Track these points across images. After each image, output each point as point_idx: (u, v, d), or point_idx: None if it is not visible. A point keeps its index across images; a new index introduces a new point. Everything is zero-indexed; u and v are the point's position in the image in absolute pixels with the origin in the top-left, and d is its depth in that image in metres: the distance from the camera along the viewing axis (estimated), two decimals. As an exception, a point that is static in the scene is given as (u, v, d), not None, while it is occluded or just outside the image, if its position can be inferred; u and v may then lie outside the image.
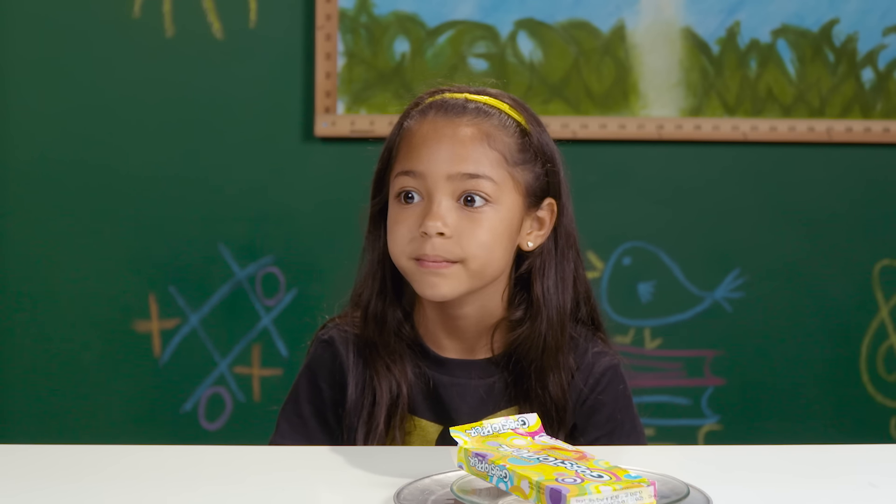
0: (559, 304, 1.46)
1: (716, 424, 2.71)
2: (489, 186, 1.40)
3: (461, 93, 1.48)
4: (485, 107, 1.45)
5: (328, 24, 2.60)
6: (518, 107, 1.48)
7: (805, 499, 1.18)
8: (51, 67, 2.61)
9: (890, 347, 2.74)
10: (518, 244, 1.46)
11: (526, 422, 1.19)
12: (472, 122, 1.42)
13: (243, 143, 2.64)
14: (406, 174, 1.42)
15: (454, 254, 1.40)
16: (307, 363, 1.52)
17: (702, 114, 2.67)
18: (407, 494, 1.13)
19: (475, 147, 1.41)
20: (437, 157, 1.40)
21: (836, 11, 2.67)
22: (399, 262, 1.43)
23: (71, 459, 1.30)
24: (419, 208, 1.41)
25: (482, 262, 1.41)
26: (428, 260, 1.39)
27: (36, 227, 2.62)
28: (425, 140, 1.42)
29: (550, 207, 1.47)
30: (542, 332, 1.45)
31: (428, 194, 1.40)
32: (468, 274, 1.41)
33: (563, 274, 1.48)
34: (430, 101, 1.47)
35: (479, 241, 1.40)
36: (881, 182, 2.72)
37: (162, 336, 2.65)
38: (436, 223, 1.38)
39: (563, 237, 1.49)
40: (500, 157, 1.42)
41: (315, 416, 1.48)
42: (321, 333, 1.52)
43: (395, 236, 1.42)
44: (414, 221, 1.40)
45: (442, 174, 1.40)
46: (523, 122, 1.46)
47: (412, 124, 1.45)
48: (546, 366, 1.44)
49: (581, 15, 2.64)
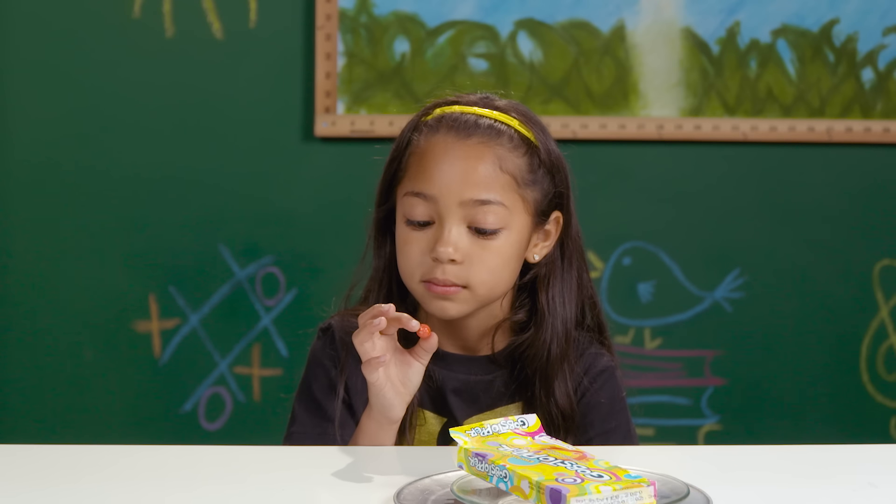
0: (564, 315, 1.47)
1: (716, 424, 2.71)
2: (500, 212, 1.41)
3: (470, 105, 1.46)
4: (496, 124, 1.44)
5: (328, 24, 2.60)
6: (526, 120, 1.47)
7: (805, 499, 1.18)
8: (51, 68, 2.61)
9: (890, 347, 2.74)
10: (524, 257, 1.47)
11: (525, 422, 1.20)
12: (483, 142, 1.42)
13: (243, 143, 2.64)
14: (416, 195, 1.42)
15: (464, 279, 1.41)
16: (311, 351, 1.54)
17: (702, 114, 2.67)
18: (407, 494, 1.13)
19: (487, 172, 1.41)
20: (449, 180, 1.40)
21: (836, 11, 2.67)
22: (409, 283, 1.45)
23: (71, 459, 1.30)
24: (430, 232, 1.41)
25: (490, 287, 1.43)
26: (437, 284, 1.41)
27: (36, 227, 2.62)
28: (436, 161, 1.42)
29: (557, 220, 1.48)
30: (546, 340, 1.46)
31: (439, 218, 1.41)
32: (476, 297, 1.43)
33: (569, 284, 1.49)
34: (440, 115, 1.46)
35: (488, 268, 1.41)
36: (881, 182, 2.72)
37: (162, 336, 2.65)
38: (447, 249, 1.39)
39: (569, 247, 1.50)
40: (511, 181, 1.42)
41: (328, 397, 1.48)
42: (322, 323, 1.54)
43: (406, 259, 1.43)
44: (425, 244, 1.41)
45: (454, 200, 1.40)
46: (532, 138, 1.45)
47: (421, 140, 1.45)
48: (551, 374, 1.45)
49: (581, 15, 2.64)
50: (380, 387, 1.35)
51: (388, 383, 1.36)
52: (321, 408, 1.48)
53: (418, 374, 1.38)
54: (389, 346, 1.36)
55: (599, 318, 1.54)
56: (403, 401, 1.38)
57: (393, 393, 1.36)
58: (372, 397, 1.37)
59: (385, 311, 1.33)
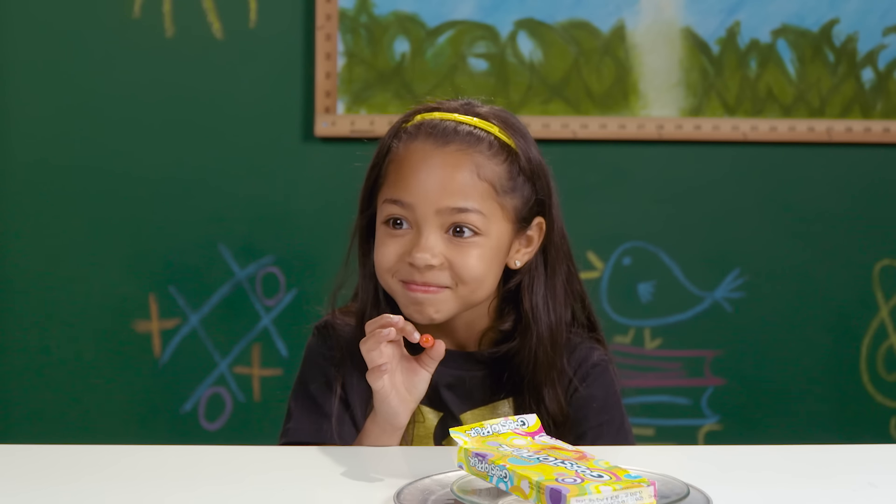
0: (549, 321, 1.47)
1: (716, 424, 2.71)
2: (478, 219, 1.40)
3: (451, 112, 1.45)
4: (475, 131, 1.43)
5: (328, 24, 2.60)
6: (507, 127, 1.45)
7: (805, 499, 1.18)
8: (51, 68, 2.61)
9: (890, 347, 2.74)
10: (506, 263, 1.46)
11: (525, 422, 1.20)
12: (461, 149, 1.41)
13: (243, 143, 2.64)
14: (394, 203, 1.41)
15: (443, 281, 1.41)
16: (306, 349, 1.54)
17: (702, 114, 2.67)
18: (407, 494, 1.13)
19: (464, 179, 1.40)
20: (426, 188, 1.40)
21: (836, 11, 2.67)
22: (385, 281, 1.44)
23: (70, 459, 1.30)
24: (408, 236, 1.41)
25: (471, 289, 1.42)
26: (416, 284, 1.40)
27: (36, 227, 2.62)
28: (413, 169, 1.41)
29: (539, 226, 1.47)
30: (532, 347, 1.45)
31: (416, 225, 1.41)
32: (456, 299, 1.42)
33: (554, 290, 1.48)
34: (419, 122, 1.45)
35: (468, 270, 1.40)
36: (881, 182, 2.72)
37: (162, 336, 2.65)
38: (424, 255, 1.39)
39: (553, 252, 1.49)
40: (489, 189, 1.41)
41: (323, 395, 1.48)
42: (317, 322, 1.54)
43: (383, 258, 1.43)
44: (402, 247, 1.41)
45: (431, 208, 1.39)
46: (512, 145, 1.44)
47: (400, 147, 1.44)
48: (539, 381, 1.45)
49: (581, 15, 2.64)
50: (385, 394, 1.35)
51: (393, 391, 1.36)
52: (317, 405, 1.48)
53: (424, 382, 1.38)
54: (395, 354, 1.36)
55: (591, 316, 1.54)
56: (408, 408, 1.38)
57: (398, 400, 1.36)
58: (377, 404, 1.37)
59: (395, 323, 1.33)
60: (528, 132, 1.49)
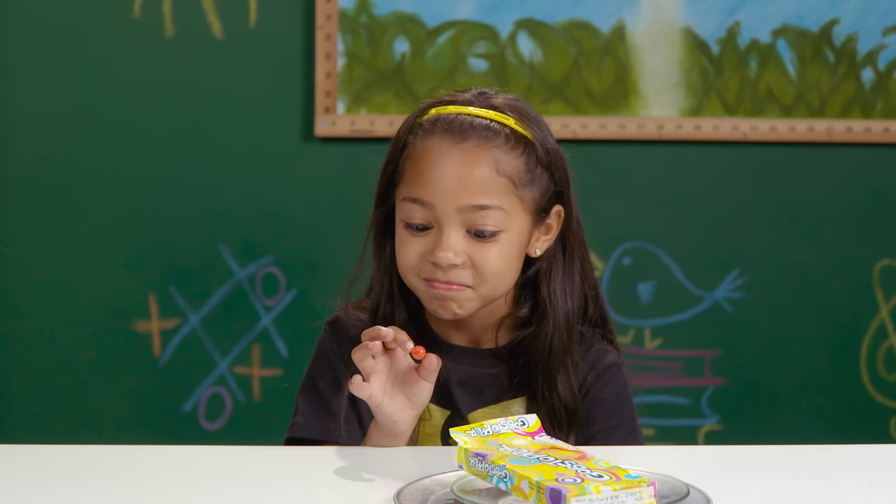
0: (566, 308, 1.47)
1: (716, 424, 2.71)
2: (499, 215, 1.40)
3: (466, 105, 1.45)
4: (491, 125, 1.42)
5: (328, 24, 2.60)
6: (523, 118, 1.45)
7: (805, 499, 1.18)
8: (50, 68, 2.61)
9: (890, 347, 2.74)
10: (526, 252, 1.47)
11: (525, 422, 1.20)
12: (478, 144, 1.41)
13: (243, 142, 2.64)
14: (413, 201, 1.41)
15: (466, 280, 1.41)
16: (317, 344, 1.54)
17: (702, 114, 2.67)
18: (407, 494, 1.13)
19: (483, 175, 1.40)
20: (445, 186, 1.39)
21: (836, 11, 2.67)
22: (408, 280, 1.44)
23: (70, 459, 1.30)
24: (430, 235, 1.41)
25: (494, 287, 1.43)
26: (439, 282, 1.40)
27: (36, 227, 2.62)
28: (431, 166, 1.40)
29: (559, 214, 1.48)
30: (548, 334, 1.45)
31: (437, 223, 1.40)
32: (479, 296, 1.43)
33: (571, 277, 1.49)
34: (435, 116, 1.44)
35: (490, 269, 1.41)
36: (881, 182, 2.72)
37: (162, 336, 2.65)
38: (447, 254, 1.39)
39: (571, 239, 1.49)
40: (508, 183, 1.41)
41: (331, 391, 1.48)
42: (329, 317, 1.54)
43: (405, 258, 1.43)
44: (424, 246, 1.41)
45: (451, 206, 1.39)
46: (529, 136, 1.44)
47: (417, 143, 1.43)
48: (553, 368, 1.45)
49: (581, 15, 2.64)
50: (376, 403, 1.35)
51: (385, 399, 1.35)
52: (324, 401, 1.48)
53: (426, 392, 1.37)
54: (385, 364, 1.35)
55: (602, 309, 1.54)
56: (410, 416, 1.37)
57: (395, 408, 1.35)
58: (373, 412, 1.37)
59: (384, 336, 1.32)
60: (543, 120, 1.48)
